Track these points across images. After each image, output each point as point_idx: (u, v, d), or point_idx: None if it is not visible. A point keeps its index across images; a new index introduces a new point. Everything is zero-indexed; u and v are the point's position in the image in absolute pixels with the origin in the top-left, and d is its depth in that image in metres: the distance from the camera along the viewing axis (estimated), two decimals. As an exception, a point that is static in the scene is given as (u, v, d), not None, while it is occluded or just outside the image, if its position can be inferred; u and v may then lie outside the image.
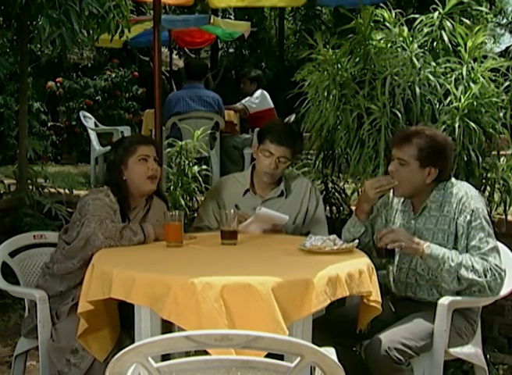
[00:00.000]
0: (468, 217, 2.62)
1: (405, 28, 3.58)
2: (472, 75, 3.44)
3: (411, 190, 2.73)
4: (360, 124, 3.44)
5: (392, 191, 2.80)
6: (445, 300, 2.62)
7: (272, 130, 3.12)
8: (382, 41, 3.60)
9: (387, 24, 3.63)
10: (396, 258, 2.79)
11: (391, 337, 2.53)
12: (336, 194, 3.97)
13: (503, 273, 2.57)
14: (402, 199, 2.87)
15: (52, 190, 4.92)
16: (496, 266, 2.55)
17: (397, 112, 3.31)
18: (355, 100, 3.46)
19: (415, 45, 3.52)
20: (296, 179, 3.28)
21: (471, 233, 2.61)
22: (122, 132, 7.91)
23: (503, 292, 2.73)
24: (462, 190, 2.70)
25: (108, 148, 7.62)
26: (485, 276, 2.53)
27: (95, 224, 2.65)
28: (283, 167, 3.13)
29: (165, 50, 10.79)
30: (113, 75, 9.86)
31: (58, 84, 9.82)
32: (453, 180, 2.78)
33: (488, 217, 2.66)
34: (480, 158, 3.34)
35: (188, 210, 4.31)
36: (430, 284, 2.74)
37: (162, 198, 3.10)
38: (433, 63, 3.50)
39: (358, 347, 2.91)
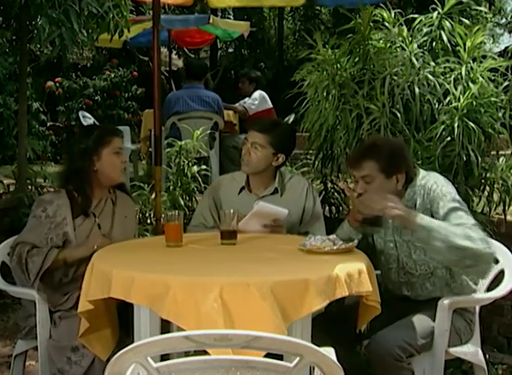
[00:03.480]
0: (441, 203, 2.57)
1: (404, 28, 3.59)
2: (471, 75, 3.45)
3: None
4: (359, 124, 3.44)
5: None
6: (445, 300, 2.62)
7: (253, 122, 3.11)
8: (381, 41, 3.61)
9: (386, 24, 3.63)
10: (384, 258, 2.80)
11: (393, 335, 2.54)
12: (336, 193, 3.98)
13: (491, 245, 2.50)
14: None
15: (51, 190, 4.92)
16: (484, 237, 2.47)
17: (396, 112, 3.32)
18: (354, 100, 3.47)
19: (414, 45, 3.53)
20: (293, 177, 3.27)
21: (449, 214, 2.54)
22: (121, 132, 7.90)
23: (502, 292, 2.73)
24: (431, 180, 2.66)
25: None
26: (480, 244, 2.42)
27: (16, 258, 2.76)
28: (259, 155, 3.06)
29: (164, 50, 10.79)
30: (112, 75, 9.86)
31: (58, 84, 9.82)
32: (421, 172, 2.72)
33: (461, 200, 2.60)
34: (479, 158, 3.34)
35: (187, 210, 4.32)
36: (422, 279, 2.73)
37: (125, 191, 3.12)
38: (432, 63, 3.51)
39: (358, 347, 2.91)
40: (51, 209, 2.82)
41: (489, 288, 2.86)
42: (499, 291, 2.75)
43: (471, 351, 2.76)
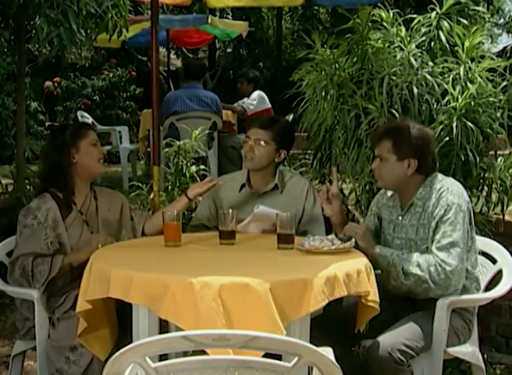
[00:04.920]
0: (442, 211, 2.62)
1: (403, 28, 3.59)
2: (470, 75, 3.45)
3: (394, 183, 2.75)
4: (357, 124, 3.45)
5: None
6: (444, 300, 2.62)
7: (252, 120, 3.27)
8: (379, 41, 3.61)
9: (385, 24, 3.63)
10: None
11: (393, 339, 2.53)
12: (334, 194, 3.96)
13: (448, 268, 2.55)
14: (390, 194, 2.89)
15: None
16: (443, 261, 2.55)
17: (395, 112, 3.32)
18: (353, 100, 3.47)
19: (413, 45, 3.53)
20: (294, 177, 3.28)
21: (439, 226, 2.61)
22: (119, 132, 7.91)
23: (501, 292, 2.73)
24: (445, 185, 2.68)
25: (106, 147, 7.65)
26: (429, 272, 2.56)
27: (20, 270, 2.76)
28: (262, 151, 3.10)
29: (162, 50, 10.80)
30: (111, 75, 9.86)
31: (56, 84, 9.83)
32: (439, 176, 2.75)
33: (465, 213, 2.62)
34: (477, 158, 3.35)
35: (186, 210, 4.30)
36: None
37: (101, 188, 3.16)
38: (431, 63, 3.51)
39: (356, 347, 2.91)
40: (41, 215, 2.82)
41: (488, 288, 2.86)
42: (498, 291, 2.76)
43: (469, 351, 2.77)
